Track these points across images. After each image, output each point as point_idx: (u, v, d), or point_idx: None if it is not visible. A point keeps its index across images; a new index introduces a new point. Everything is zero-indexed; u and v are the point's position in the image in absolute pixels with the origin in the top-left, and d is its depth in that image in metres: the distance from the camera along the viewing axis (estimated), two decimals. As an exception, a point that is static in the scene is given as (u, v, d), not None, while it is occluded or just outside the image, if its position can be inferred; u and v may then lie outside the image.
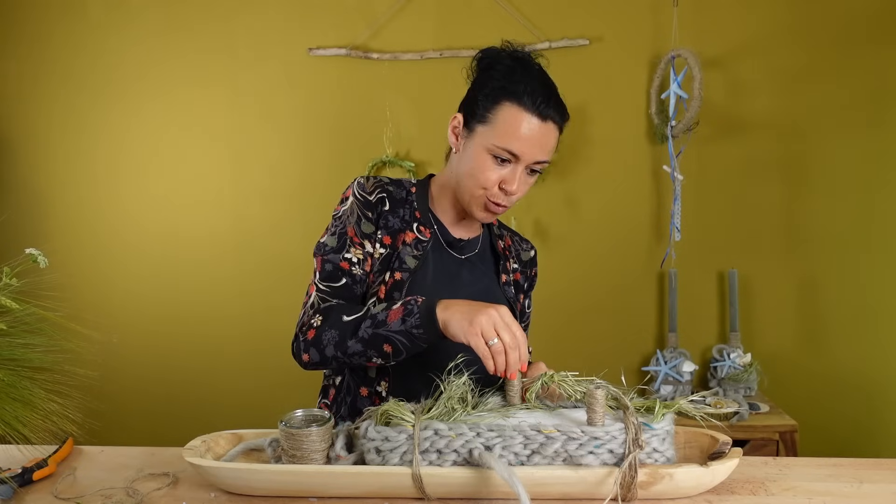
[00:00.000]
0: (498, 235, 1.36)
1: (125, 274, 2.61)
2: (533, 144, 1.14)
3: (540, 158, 1.16)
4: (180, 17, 2.51)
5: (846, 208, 2.36)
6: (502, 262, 1.32)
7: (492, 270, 1.31)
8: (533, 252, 1.40)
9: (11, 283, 0.91)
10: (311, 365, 1.17)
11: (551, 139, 1.17)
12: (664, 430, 0.90)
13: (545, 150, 1.16)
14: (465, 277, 1.26)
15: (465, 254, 1.28)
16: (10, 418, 0.88)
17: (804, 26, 2.33)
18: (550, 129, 1.16)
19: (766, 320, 2.43)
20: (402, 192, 1.27)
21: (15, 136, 2.59)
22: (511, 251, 1.36)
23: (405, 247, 1.22)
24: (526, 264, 1.38)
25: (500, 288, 1.29)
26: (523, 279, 1.37)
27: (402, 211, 1.25)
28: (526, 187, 1.19)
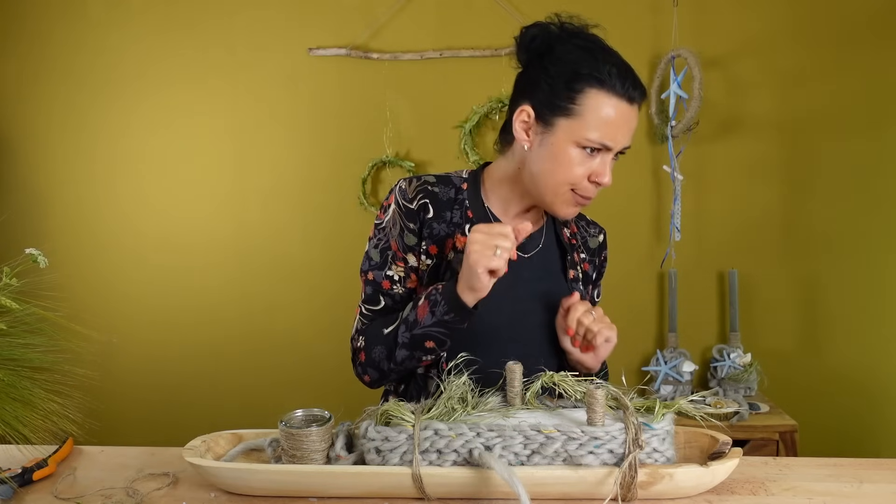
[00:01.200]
0: (563, 223, 1.23)
1: (125, 274, 2.61)
2: (625, 132, 1.07)
3: (627, 145, 1.09)
4: (180, 17, 2.51)
5: (846, 208, 2.36)
6: (569, 255, 1.20)
7: (558, 267, 1.20)
8: (602, 236, 1.27)
9: (11, 283, 0.91)
10: (375, 383, 1.17)
11: (635, 121, 1.08)
12: (664, 430, 0.90)
13: (631, 134, 1.09)
14: (527, 277, 1.16)
15: (527, 252, 1.17)
16: (10, 418, 0.88)
17: (804, 26, 2.33)
18: (636, 111, 1.08)
19: (766, 320, 2.43)
20: (449, 192, 1.16)
21: (15, 135, 2.59)
22: (578, 239, 1.24)
23: (456, 254, 1.12)
24: (594, 252, 1.25)
25: (567, 285, 1.18)
26: (592, 268, 1.25)
27: (450, 213, 1.14)
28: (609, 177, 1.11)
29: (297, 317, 2.56)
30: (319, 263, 2.54)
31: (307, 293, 2.56)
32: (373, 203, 2.49)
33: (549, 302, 1.17)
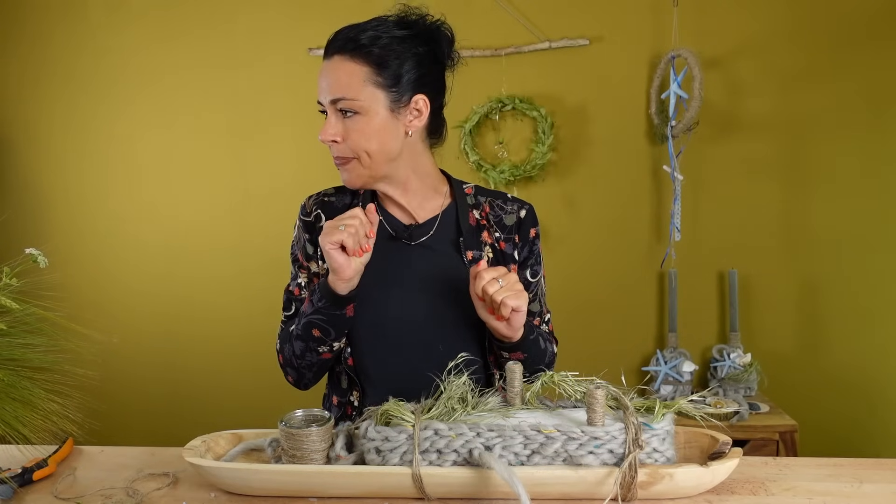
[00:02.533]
0: (472, 205, 1.22)
1: (125, 274, 2.61)
2: (322, 85, 1.12)
3: (332, 96, 1.10)
4: (180, 18, 2.51)
5: (846, 208, 2.36)
6: (465, 237, 1.18)
7: (453, 250, 1.19)
8: (523, 212, 1.23)
9: (11, 283, 0.91)
10: (298, 383, 1.25)
11: (340, 72, 1.10)
12: (664, 430, 0.89)
13: (335, 86, 1.10)
14: (418, 264, 1.17)
15: (416, 239, 1.19)
16: (10, 418, 0.88)
17: (804, 26, 2.33)
18: (338, 62, 1.10)
19: (766, 320, 2.43)
20: (346, 198, 1.24)
21: (15, 136, 2.59)
22: (489, 219, 1.22)
23: None
24: (510, 229, 1.22)
25: (465, 266, 1.17)
26: (511, 246, 1.21)
27: None
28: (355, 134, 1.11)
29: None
30: (319, 263, 2.54)
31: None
32: (373, 203, 2.49)
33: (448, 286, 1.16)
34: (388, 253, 1.18)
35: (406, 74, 1.12)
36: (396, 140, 1.13)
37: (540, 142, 2.39)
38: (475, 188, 1.25)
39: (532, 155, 2.41)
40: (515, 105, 2.39)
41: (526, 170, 2.40)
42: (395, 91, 1.11)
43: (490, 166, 2.42)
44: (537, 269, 1.25)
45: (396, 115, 1.12)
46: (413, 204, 1.20)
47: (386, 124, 1.12)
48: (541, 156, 2.38)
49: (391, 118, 1.12)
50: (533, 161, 2.39)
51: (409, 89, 1.13)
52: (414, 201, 1.21)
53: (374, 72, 1.10)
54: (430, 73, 1.16)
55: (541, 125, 2.39)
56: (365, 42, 1.10)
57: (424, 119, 1.16)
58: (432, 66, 1.17)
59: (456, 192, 1.23)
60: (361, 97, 1.09)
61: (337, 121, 1.11)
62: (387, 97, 1.11)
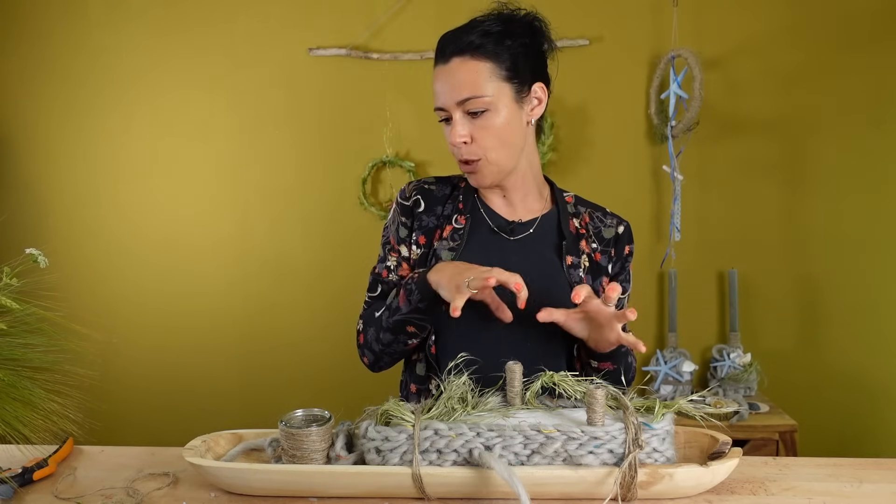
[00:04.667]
0: (573, 214, 1.25)
1: (125, 273, 2.61)
2: (445, 89, 1.12)
3: (459, 98, 1.11)
4: (180, 17, 2.51)
5: (846, 208, 2.36)
6: (567, 242, 1.20)
7: (553, 252, 1.21)
8: (621, 228, 1.26)
9: (11, 283, 0.91)
10: (373, 366, 1.24)
11: (462, 73, 1.11)
12: (664, 430, 0.89)
13: (461, 87, 1.10)
14: (515, 260, 1.18)
15: (516, 235, 1.21)
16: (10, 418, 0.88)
17: (804, 26, 2.33)
18: (457, 64, 1.11)
19: (766, 320, 2.43)
20: (446, 189, 1.26)
21: (15, 135, 2.59)
22: (589, 230, 1.24)
23: (442, 241, 1.20)
24: (608, 242, 1.24)
25: (563, 271, 1.19)
26: (606, 259, 1.23)
27: (443, 207, 1.23)
28: (483, 132, 1.12)
29: (298, 316, 2.56)
30: (319, 263, 2.54)
31: (307, 293, 2.56)
32: (373, 203, 2.49)
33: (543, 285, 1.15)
34: (487, 245, 1.20)
35: (522, 65, 1.14)
36: (521, 130, 1.16)
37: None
38: (575, 197, 1.28)
39: (532, 155, 2.40)
40: (515, 105, 2.39)
41: (526, 170, 2.40)
42: (518, 81, 1.13)
43: (490, 166, 2.42)
44: (626, 286, 1.26)
45: (521, 106, 1.15)
46: (518, 200, 1.23)
47: (512, 117, 1.14)
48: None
49: (517, 110, 1.14)
50: (533, 161, 2.39)
51: (529, 79, 1.15)
52: (520, 198, 1.23)
53: (496, 66, 1.12)
54: (541, 62, 1.19)
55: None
56: (480, 40, 1.12)
57: (544, 107, 1.19)
58: (541, 54, 1.20)
59: (557, 198, 1.26)
60: (489, 93, 1.11)
61: (465, 122, 1.13)
62: (511, 89, 1.13)
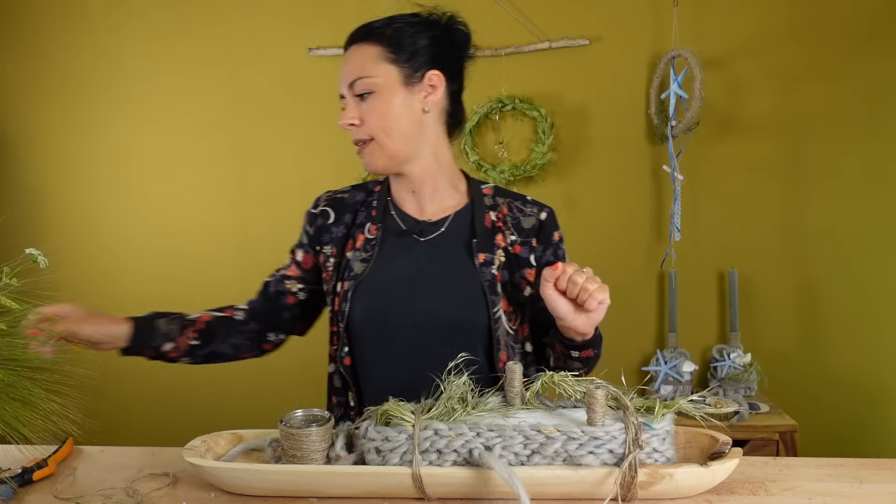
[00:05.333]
0: (490, 206, 1.21)
1: (125, 274, 2.60)
2: (341, 77, 1.16)
3: (349, 80, 1.14)
4: (180, 18, 2.51)
5: (846, 208, 2.36)
6: (479, 239, 1.16)
7: (464, 251, 1.17)
8: (544, 214, 1.21)
9: (11, 283, 0.91)
10: None
11: (354, 57, 1.15)
12: (664, 430, 0.89)
13: (350, 70, 1.14)
14: (425, 262, 1.16)
15: (426, 235, 1.18)
16: (10, 418, 0.88)
17: (804, 26, 2.33)
18: (352, 50, 1.16)
19: (766, 320, 2.43)
20: (358, 195, 1.26)
21: (15, 136, 2.59)
22: (507, 221, 1.20)
23: (355, 251, 1.19)
24: (528, 233, 1.19)
25: (474, 270, 1.15)
26: (527, 251, 1.19)
27: (354, 216, 1.23)
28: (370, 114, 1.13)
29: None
30: (319, 263, 2.54)
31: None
32: (373, 203, 2.49)
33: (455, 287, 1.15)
34: (396, 249, 1.18)
35: (420, 50, 1.15)
36: (413, 116, 1.15)
37: (540, 142, 2.39)
38: (494, 188, 1.24)
39: (532, 155, 2.41)
40: (515, 105, 2.39)
41: (526, 170, 2.40)
42: (408, 65, 1.14)
43: (490, 166, 2.42)
44: None
45: (411, 90, 1.14)
46: (430, 198, 1.21)
47: (401, 100, 1.13)
48: (541, 156, 2.38)
49: (406, 93, 1.14)
50: (533, 161, 2.39)
51: (423, 64, 1.15)
52: (431, 194, 1.21)
53: (387, 49, 1.14)
54: (445, 54, 1.18)
55: (541, 125, 2.39)
56: (378, 26, 1.15)
57: (439, 95, 1.16)
58: (448, 47, 1.19)
59: (473, 192, 1.22)
60: (375, 74, 1.12)
61: (355, 105, 1.15)
62: (400, 72, 1.13)
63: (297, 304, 1.29)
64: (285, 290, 1.28)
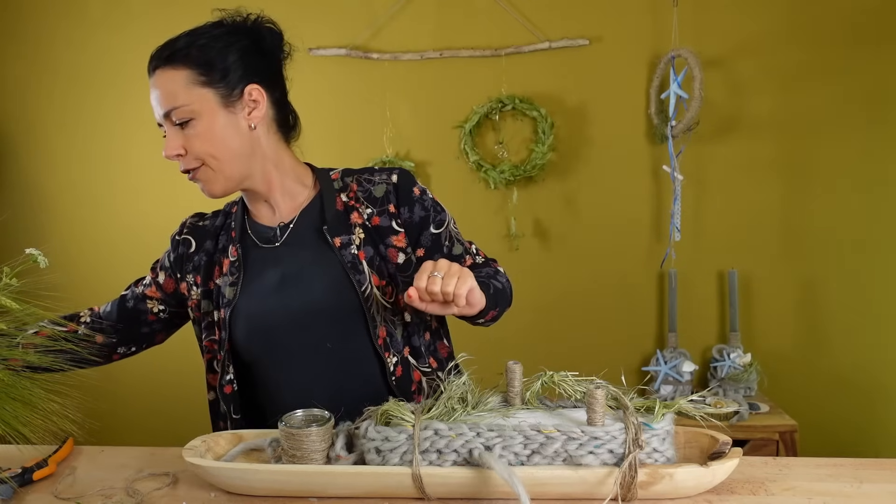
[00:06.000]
0: (340, 189, 1.19)
1: (125, 273, 2.60)
2: (154, 104, 1.12)
3: (163, 110, 1.09)
4: (180, 17, 2.50)
5: (846, 208, 2.36)
6: (329, 224, 1.15)
7: (320, 240, 1.15)
8: (395, 176, 1.18)
9: (11, 283, 0.91)
10: None
11: (162, 83, 1.10)
12: (664, 430, 0.89)
13: (163, 99, 1.09)
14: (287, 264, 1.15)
15: (281, 238, 1.17)
16: (10, 418, 0.88)
17: (804, 26, 2.33)
18: (159, 75, 1.10)
19: (766, 320, 2.43)
20: (217, 220, 1.24)
21: (15, 135, 2.59)
22: (359, 197, 1.17)
23: (223, 277, 1.17)
24: (382, 201, 1.16)
25: (333, 254, 1.13)
26: (387, 219, 1.16)
27: (214, 242, 1.21)
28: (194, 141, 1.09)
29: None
30: (319, 263, 2.54)
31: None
32: (373, 203, 2.49)
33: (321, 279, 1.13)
34: (260, 262, 1.17)
35: (232, 67, 1.11)
36: (240, 136, 1.11)
37: (540, 142, 2.39)
38: (342, 171, 1.22)
39: (532, 155, 2.41)
40: (515, 105, 2.39)
41: (526, 170, 2.40)
42: (223, 85, 1.10)
43: (490, 166, 2.42)
44: (441, 217, 1.19)
45: (232, 109, 1.10)
46: (281, 202, 1.19)
47: (224, 122, 1.09)
48: (541, 156, 2.38)
49: (227, 114, 1.10)
50: (533, 161, 2.39)
51: (239, 80, 1.11)
52: (282, 199, 1.19)
53: (196, 72, 1.09)
54: (259, 64, 1.16)
55: (541, 125, 2.39)
56: (181, 47, 1.11)
57: (263, 109, 1.13)
58: (260, 56, 1.17)
59: (321, 181, 1.20)
60: (189, 101, 1.08)
61: (175, 134, 1.10)
62: (216, 94, 1.09)
63: (157, 321, 1.29)
64: (146, 309, 1.26)
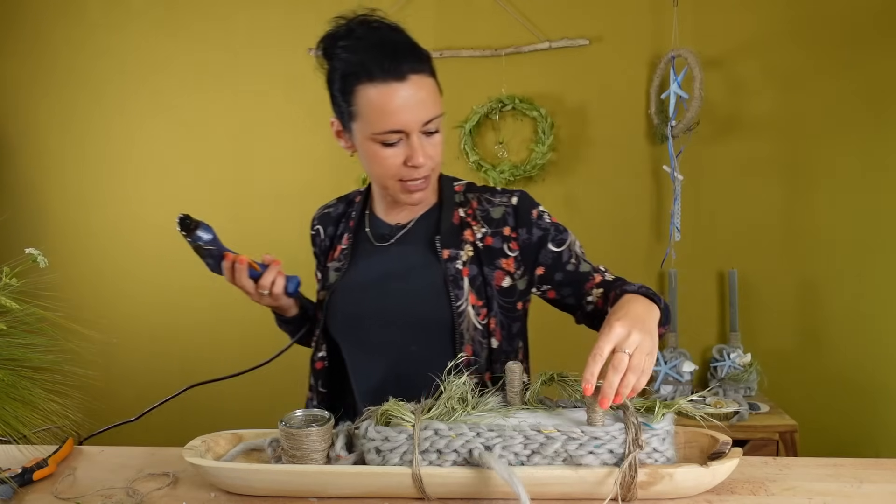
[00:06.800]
0: (460, 203, 1.20)
1: (125, 273, 2.61)
2: (409, 110, 1.04)
3: (426, 118, 1.06)
4: (180, 17, 2.51)
5: (846, 208, 2.36)
6: (443, 235, 1.16)
7: (429, 248, 1.16)
8: (515, 199, 1.18)
9: (11, 283, 0.91)
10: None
11: (424, 91, 1.06)
12: (664, 430, 0.89)
13: (426, 107, 1.06)
14: (392, 264, 1.18)
15: (394, 238, 1.20)
16: (10, 418, 0.88)
17: (804, 26, 2.33)
18: (416, 82, 1.05)
19: (766, 320, 2.43)
20: (340, 208, 1.29)
21: (15, 136, 2.59)
22: (476, 216, 1.18)
23: (333, 262, 1.24)
24: (498, 223, 1.17)
25: (439, 264, 1.14)
26: (499, 241, 1.16)
27: (336, 227, 1.27)
28: (436, 148, 1.10)
29: (297, 317, 2.56)
30: (319, 263, 2.54)
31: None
32: (373, 203, 2.49)
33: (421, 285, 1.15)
34: (368, 258, 1.21)
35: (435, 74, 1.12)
36: None
37: (540, 142, 2.39)
38: (466, 185, 1.24)
39: (532, 155, 2.41)
40: (515, 105, 2.40)
41: (526, 170, 2.40)
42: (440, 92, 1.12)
43: (490, 166, 2.42)
44: (562, 237, 1.18)
45: None
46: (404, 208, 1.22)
47: None
48: (541, 156, 2.38)
49: None
50: (533, 161, 2.39)
51: None
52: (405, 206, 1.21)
53: (436, 80, 1.10)
54: None
55: (541, 125, 2.39)
56: (426, 54, 1.09)
57: None
58: None
59: (444, 191, 1.22)
60: (440, 109, 1.09)
61: (424, 142, 1.08)
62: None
63: None
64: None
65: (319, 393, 1.25)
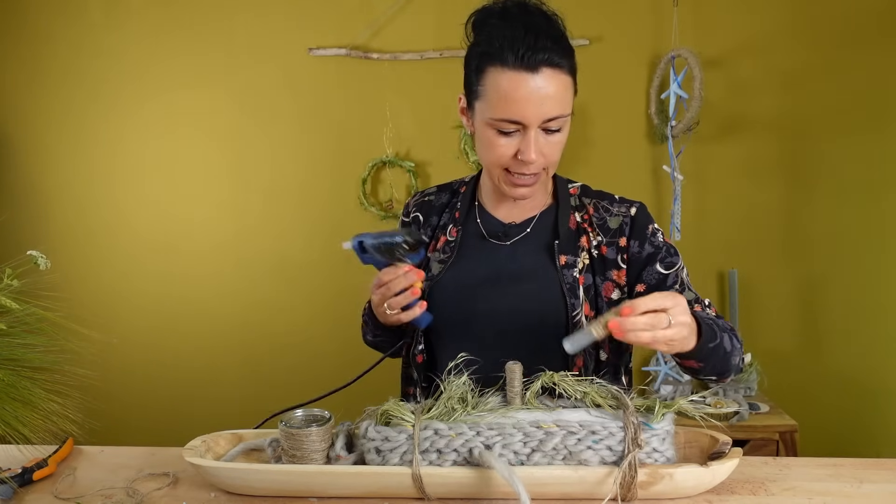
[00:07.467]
0: (576, 207, 1.17)
1: (125, 273, 2.60)
2: (533, 103, 0.99)
3: (549, 116, 1.01)
4: (179, 17, 2.51)
5: (846, 208, 2.36)
6: (561, 241, 1.12)
7: (546, 253, 1.13)
8: (634, 210, 1.15)
9: (12, 283, 0.91)
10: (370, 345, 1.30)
11: (554, 87, 1.00)
12: (664, 430, 0.89)
13: (552, 104, 1.00)
14: (507, 264, 1.14)
15: (510, 238, 1.16)
16: (10, 418, 0.88)
17: (805, 26, 2.33)
18: (549, 76, 1.00)
19: (766, 320, 2.43)
20: (444, 196, 1.25)
21: (15, 136, 2.59)
22: (593, 222, 1.15)
23: (435, 252, 1.19)
24: (615, 233, 1.14)
25: (556, 272, 1.11)
26: (613, 251, 1.13)
27: (439, 217, 1.23)
28: (553, 148, 1.05)
29: (298, 317, 2.56)
30: (320, 264, 2.54)
31: (307, 293, 2.56)
32: (372, 203, 2.49)
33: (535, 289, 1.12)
34: (478, 254, 1.17)
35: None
36: None
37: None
38: (581, 188, 1.21)
39: (532, 155, 2.40)
40: (515, 105, 2.39)
41: (526, 170, 2.40)
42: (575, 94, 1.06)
43: (490, 166, 2.42)
44: (671, 260, 1.14)
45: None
46: (521, 201, 1.17)
47: None
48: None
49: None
50: (533, 161, 2.39)
51: None
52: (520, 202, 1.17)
53: (573, 81, 1.05)
54: None
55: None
56: (562, 50, 1.02)
57: None
58: None
59: (559, 192, 1.19)
60: (568, 111, 1.05)
61: (538, 139, 1.03)
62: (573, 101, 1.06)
63: None
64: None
65: (423, 388, 1.18)
